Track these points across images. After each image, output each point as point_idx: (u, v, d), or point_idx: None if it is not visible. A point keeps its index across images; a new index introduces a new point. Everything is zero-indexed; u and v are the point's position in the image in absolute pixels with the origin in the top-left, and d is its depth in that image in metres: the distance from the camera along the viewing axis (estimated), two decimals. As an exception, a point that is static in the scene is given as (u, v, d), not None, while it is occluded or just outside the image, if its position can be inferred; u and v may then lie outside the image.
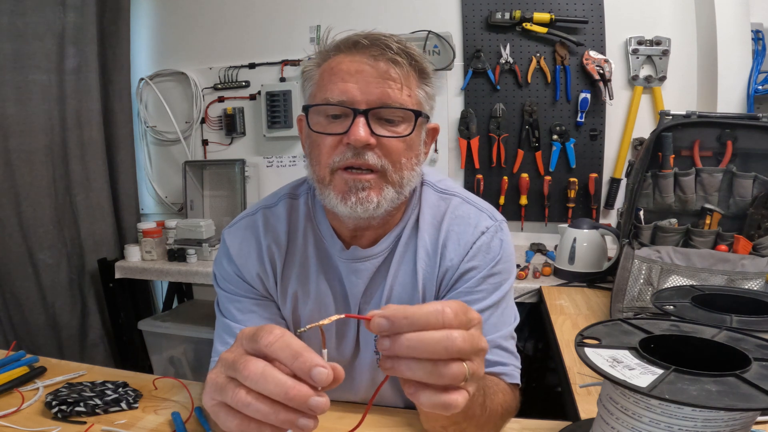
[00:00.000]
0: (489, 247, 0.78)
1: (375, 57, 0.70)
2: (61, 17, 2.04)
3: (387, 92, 0.69)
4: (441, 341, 0.41)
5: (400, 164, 0.72)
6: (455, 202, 0.83)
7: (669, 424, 0.43)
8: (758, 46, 1.78)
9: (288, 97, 2.26)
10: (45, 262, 2.07)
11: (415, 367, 0.42)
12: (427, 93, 0.75)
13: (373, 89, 0.69)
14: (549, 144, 2.07)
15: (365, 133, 0.68)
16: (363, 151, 0.69)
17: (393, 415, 0.80)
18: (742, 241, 1.17)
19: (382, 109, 0.69)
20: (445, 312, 0.42)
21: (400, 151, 0.72)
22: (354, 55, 0.71)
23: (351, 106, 0.69)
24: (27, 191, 2.01)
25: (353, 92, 0.69)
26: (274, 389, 0.39)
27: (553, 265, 1.75)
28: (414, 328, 0.41)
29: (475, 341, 0.43)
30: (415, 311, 0.42)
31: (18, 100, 1.96)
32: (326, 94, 0.71)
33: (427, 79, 0.76)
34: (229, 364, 0.42)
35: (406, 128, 0.71)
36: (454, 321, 0.42)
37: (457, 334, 0.42)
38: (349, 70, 0.70)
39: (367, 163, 0.70)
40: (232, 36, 2.39)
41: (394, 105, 0.70)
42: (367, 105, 0.69)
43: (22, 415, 0.76)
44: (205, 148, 2.49)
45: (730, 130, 1.21)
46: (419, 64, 0.73)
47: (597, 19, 1.99)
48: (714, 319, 0.72)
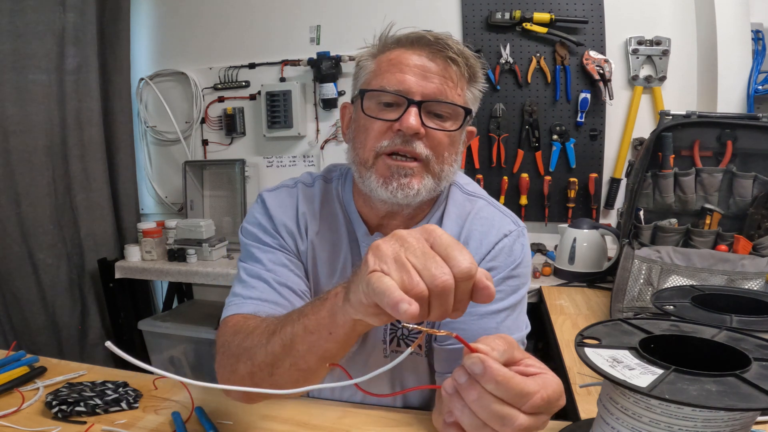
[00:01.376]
0: (511, 249, 0.80)
1: (434, 54, 0.73)
2: (61, 17, 2.04)
3: (442, 88, 0.73)
4: (504, 417, 0.42)
5: (443, 157, 0.75)
6: (480, 203, 0.85)
7: (669, 424, 0.43)
8: (758, 46, 1.78)
9: (288, 97, 2.26)
10: (45, 262, 2.07)
11: (467, 416, 0.44)
12: (474, 95, 0.79)
13: (429, 83, 0.72)
14: (549, 144, 2.07)
15: (416, 122, 0.71)
16: (411, 140, 0.73)
17: (393, 415, 0.80)
18: (742, 241, 1.17)
19: (435, 103, 0.73)
20: (534, 399, 0.42)
21: (445, 145, 0.75)
22: (415, 50, 0.74)
23: (406, 95, 0.72)
24: (27, 191, 2.01)
25: (410, 83, 0.72)
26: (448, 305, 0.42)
27: (553, 265, 1.75)
28: (496, 394, 0.42)
29: (537, 427, 0.44)
30: (510, 383, 0.42)
31: (18, 100, 1.96)
32: (383, 82, 0.74)
33: (477, 81, 0.79)
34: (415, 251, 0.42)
35: (453, 124, 0.75)
36: (535, 408, 0.42)
37: (522, 420, 0.42)
38: (409, 63, 0.73)
39: (414, 150, 0.73)
40: (232, 36, 2.39)
41: (447, 100, 0.73)
42: (422, 97, 0.72)
43: (22, 415, 0.76)
44: (205, 148, 2.49)
45: (730, 130, 1.21)
46: (473, 66, 0.77)
47: (597, 19, 1.99)
48: (714, 319, 0.72)
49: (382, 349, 0.83)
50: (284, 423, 0.74)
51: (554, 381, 0.45)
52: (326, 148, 2.34)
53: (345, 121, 0.85)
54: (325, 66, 2.20)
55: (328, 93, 2.24)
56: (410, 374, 0.85)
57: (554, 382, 0.45)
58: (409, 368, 0.84)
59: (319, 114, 2.32)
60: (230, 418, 0.75)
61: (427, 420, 0.77)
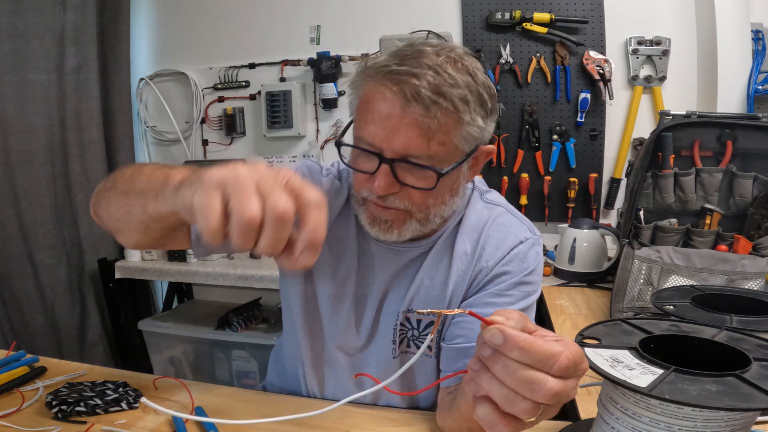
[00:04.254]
0: (525, 256, 0.80)
1: (407, 99, 0.64)
2: (61, 17, 2.04)
3: (413, 143, 0.65)
4: (534, 382, 0.41)
5: (425, 206, 0.73)
6: (498, 211, 0.84)
7: (669, 424, 0.43)
8: (758, 46, 1.78)
9: (288, 97, 2.26)
10: (44, 262, 2.07)
11: (496, 387, 0.43)
12: (478, 127, 0.69)
13: (399, 138, 0.66)
14: (549, 144, 2.07)
15: (385, 185, 0.68)
16: (386, 196, 0.70)
17: (393, 415, 0.80)
18: (742, 241, 1.17)
19: (404, 163, 0.68)
20: (561, 359, 0.41)
21: (426, 198, 0.71)
22: (387, 90, 0.66)
23: (378, 151, 0.68)
24: (27, 191, 2.01)
25: (379, 138, 0.67)
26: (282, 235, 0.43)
27: (553, 265, 1.75)
28: (522, 360, 0.41)
29: (567, 392, 0.43)
30: (534, 346, 0.41)
31: (18, 100, 1.96)
32: (358, 132, 0.71)
33: (479, 112, 0.68)
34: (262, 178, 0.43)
35: (430, 182, 0.69)
36: (563, 370, 0.42)
37: (552, 384, 0.41)
38: (380, 111, 0.66)
39: (389, 206, 0.71)
40: (232, 36, 2.39)
41: (416, 161, 0.67)
42: (392, 154, 0.67)
43: (22, 415, 0.76)
44: (205, 148, 2.49)
45: (730, 130, 1.21)
46: (465, 98, 0.66)
47: (597, 19, 1.99)
48: (714, 319, 0.72)
49: (392, 350, 0.83)
50: (284, 423, 0.74)
51: (574, 344, 0.44)
52: (326, 148, 2.33)
53: None
54: (325, 66, 2.20)
55: (328, 93, 2.23)
56: (420, 375, 0.85)
57: (574, 344, 0.44)
58: (419, 369, 0.84)
59: (319, 114, 2.32)
60: (230, 418, 0.75)
61: (427, 420, 0.77)
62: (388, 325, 0.83)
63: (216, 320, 2.08)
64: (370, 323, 0.84)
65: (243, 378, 2.07)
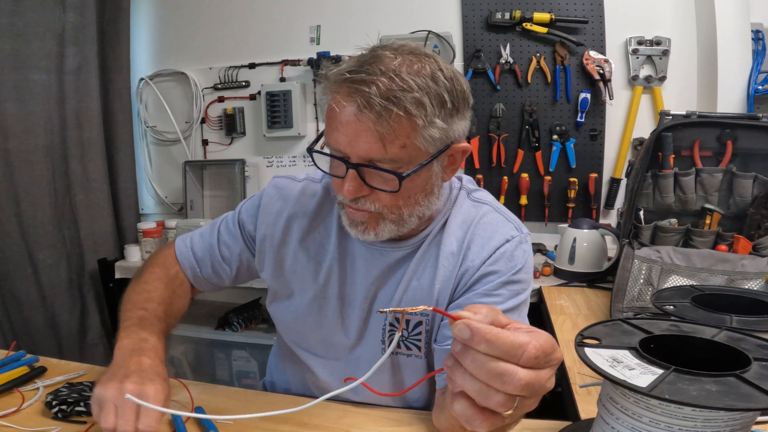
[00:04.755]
0: (512, 255, 0.79)
1: (359, 107, 0.65)
2: (61, 17, 2.04)
3: (373, 147, 0.66)
4: (503, 374, 0.41)
5: (396, 207, 0.73)
6: (485, 210, 0.84)
7: (669, 424, 0.43)
8: (758, 46, 1.78)
9: (288, 97, 2.26)
10: (45, 262, 2.06)
11: (468, 381, 0.43)
12: (439, 128, 0.67)
13: (360, 144, 0.66)
14: (549, 144, 2.07)
15: (353, 188, 0.70)
16: (357, 199, 0.72)
17: (393, 415, 0.80)
18: (742, 241, 1.17)
19: (367, 168, 0.69)
20: (528, 349, 0.41)
21: (395, 199, 0.72)
22: (342, 98, 0.67)
23: (343, 157, 0.70)
24: (27, 191, 2.01)
25: (342, 144, 0.68)
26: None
27: (553, 265, 1.75)
28: (490, 353, 0.41)
29: (540, 383, 0.43)
30: (500, 338, 0.41)
31: (18, 99, 1.96)
32: (327, 138, 0.72)
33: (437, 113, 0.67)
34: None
35: (394, 185, 0.69)
36: (532, 360, 0.42)
37: (522, 375, 0.41)
38: (340, 119, 0.67)
39: (361, 209, 0.73)
40: (232, 36, 2.38)
41: (378, 164, 0.68)
42: (356, 159, 0.68)
43: (22, 415, 0.76)
44: (205, 148, 2.49)
45: (730, 130, 1.21)
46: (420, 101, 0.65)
47: (597, 19, 1.99)
48: (714, 319, 0.72)
49: (381, 350, 0.84)
50: (284, 423, 0.74)
51: (544, 333, 0.45)
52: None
53: None
54: (325, 66, 2.20)
55: (328, 93, 2.23)
56: (409, 375, 0.85)
57: (544, 334, 0.44)
58: (408, 369, 0.84)
59: (319, 114, 2.32)
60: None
61: (427, 420, 0.77)
62: (377, 326, 0.83)
63: (216, 320, 2.08)
64: (358, 323, 0.84)
65: (243, 378, 2.07)
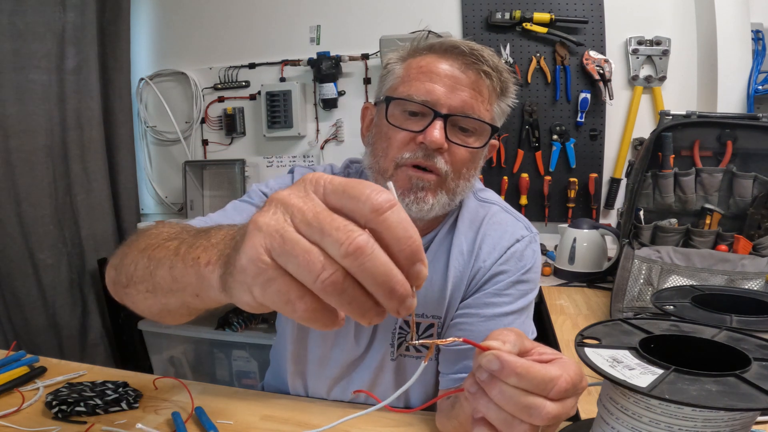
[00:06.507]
0: (522, 254, 0.80)
1: (467, 65, 0.71)
2: (61, 17, 2.04)
3: (471, 102, 0.71)
4: (531, 408, 0.41)
5: (461, 173, 0.74)
6: (494, 209, 0.84)
7: (669, 424, 0.43)
8: (758, 46, 1.78)
9: (288, 97, 2.26)
10: (45, 262, 2.06)
11: (493, 411, 0.42)
12: (502, 109, 0.77)
13: (458, 95, 0.70)
14: (549, 144, 2.07)
15: (441, 137, 0.69)
16: (434, 154, 0.71)
17: (393, 415, 0.80)
18: (742, 241, 1.17)
19: (462, 117, 0.71)
20: (559, 383, 0.41)
21: (466, 161, 0.74)
22: (447, 59, 0.72)
23: (433, 107, 0.70)
24: (27, 191, 2.01)
25: (438, 94, 0.70)
26: (380, 271, 0.29)
27: (553, 265, 1.75)
28: (519, 386, 0.41)
29: (567, 412, 0.42)
30: (531, 372, 0.40)
31: (18, 100, 1.96)
32: (410, 90, 0.72)
33: (507, 97, 0.77)
34: (305, 217, 0.30)
35: (477, 141, 0.73)
36: (562, 394, 0.41)
37: (551, 408, 0.41)
38: (439, 72, 0.71)
39: (434, 165, 0.71)
40: (232, 36, 2.39)
41: (474, 116, 0.71)
42: (448, 110, 0.70)
43: (22, 415, 0.76)
44: (205, 148, 2.49)
45: (730, 130, 1.21)
46: (506, 81, 0.75)
47: (597, 19, 1.99)
48: (714, 319, 0.72)
49: (390, 353, 0.83)
50: (284, 423, 0.74)
51: (572, 363, 0.44)
52: (326, 148, 2.34)
53: (365, 123, 0.83)
54: (325, 66, 2.20)
55: (328, 93, 2.24)
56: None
57: (572, 363, 0.44)
58: (412, 371, 0.84)
59: (319, 114, 2.32)
60: (230, 418, 0.75)
61: (426, 421, 0.77)
62: (386, 329, 0.83)
63: (216, 320, 2.08)
64: (370, 331, 0.84)
65: (243, 378, 2.07)
